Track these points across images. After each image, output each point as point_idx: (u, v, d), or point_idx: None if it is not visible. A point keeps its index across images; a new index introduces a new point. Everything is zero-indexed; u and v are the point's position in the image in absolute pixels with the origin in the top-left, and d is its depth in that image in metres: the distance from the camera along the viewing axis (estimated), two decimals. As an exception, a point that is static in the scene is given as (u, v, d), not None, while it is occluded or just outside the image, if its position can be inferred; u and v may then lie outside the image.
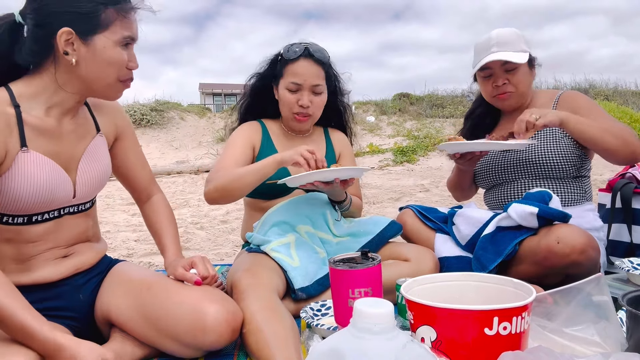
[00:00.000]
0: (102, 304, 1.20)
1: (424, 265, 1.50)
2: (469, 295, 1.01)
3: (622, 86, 14.36)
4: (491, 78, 1.68)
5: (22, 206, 1.05)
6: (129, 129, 1.33)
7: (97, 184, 1.21)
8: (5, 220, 1.06)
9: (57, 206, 1.12)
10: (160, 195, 1.41)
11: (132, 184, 1.37)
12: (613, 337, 0.98)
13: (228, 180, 1.45)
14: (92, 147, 1.19)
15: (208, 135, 11.75)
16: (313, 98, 1.61)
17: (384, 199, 4.85)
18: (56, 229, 1.13)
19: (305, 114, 1.61)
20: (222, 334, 1.07)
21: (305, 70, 1.58)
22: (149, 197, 1.39)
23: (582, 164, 1.67)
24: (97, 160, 1.20)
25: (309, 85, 1.59)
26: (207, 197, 1.50)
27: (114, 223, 3.89)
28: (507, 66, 1.64)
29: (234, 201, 1.50)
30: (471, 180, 1.88)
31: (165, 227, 1.35)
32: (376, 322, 0.61)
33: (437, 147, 1.82)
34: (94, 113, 1.23)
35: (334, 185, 1.43)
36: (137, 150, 1.36)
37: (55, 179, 1.08)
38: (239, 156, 1.58)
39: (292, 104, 1.60)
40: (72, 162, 1.14)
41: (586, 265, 1.33)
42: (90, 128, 1.20)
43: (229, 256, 2.74)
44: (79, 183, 1.15)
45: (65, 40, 1.03)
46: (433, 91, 15.15)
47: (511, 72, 1.65)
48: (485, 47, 1.66)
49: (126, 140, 1.32)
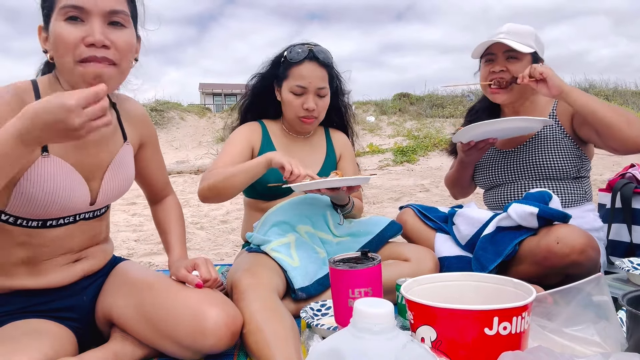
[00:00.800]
0: (103, 303, 1.20)
1: (424, 265, 1.50)
2: (469, 295, 1.01)
3: (622, 86, 14.37)
4: (491, 63, 1.68)
5: (37, 211, 1.03)
6: (154, 138, 1.33)
7: (120, 192, 1.20)
8: (20, 222, 1.04)
9: (72, 212, 1.10)
10: (173, 197, 1.43)
11: (149, 187, 1.38)
12: (613, 337, 0.98)
13: (219, 179, 1.45)
14: (120, 156, 1.17)
15: (208, 135, 11.75)
16: (318, 101, 1.60)
17: (384, 199, 4.85)
18: (70, 234, 1.12)
19: (311, 117, 1.61)
20: (222, 337, 1.07)
21: (310, 73, 1.57)
22: (163, 198, 1.41)
23: (583, 165, 1.67)
24: (124, 169, 1.18)
25: (314, 88, 1.58)
26: (200, 195, 1.51)
27: (114, 223, 3.89)
28: (510, 54, 1.63)
29: (227, 200, 1.50)
30: (471, 176, 1.87)
31: (172, 226, 1.35)
32: (376, 322, 0.61)
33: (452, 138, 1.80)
34: (123, 122, 1.21)
35: (340, 192, 1.43)
36: (158, 158, 1.37)
37: (72, 187, 1.05)
38: (236, 155, 1.58)
39: (297, 107, 1.60)
40: (97, 171, 1.12)
41: (586, 265, 1.33)
42: (117, 137, 1.18)
43: (229, 256, 2.74)
44: (102, 191, 1.13)
45: (44, 39, 1.01)
46: (433, 91, 15.14)
47: (512, 61, 1.64)
48: (494, 34, 1.67)
49: (149, 148, 1.32)
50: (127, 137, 1.21)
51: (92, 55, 0.95)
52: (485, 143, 1.62)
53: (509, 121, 1.55)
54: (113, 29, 0.98)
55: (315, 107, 1.59)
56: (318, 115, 1.63)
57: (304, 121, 1.62)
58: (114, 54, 0.98)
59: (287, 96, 1.61)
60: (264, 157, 1.41)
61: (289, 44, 1.64)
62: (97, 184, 1.12)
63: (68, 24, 0.94)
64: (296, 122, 1.64)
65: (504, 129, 1.58)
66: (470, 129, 1.56)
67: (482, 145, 1.63)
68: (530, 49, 1.62)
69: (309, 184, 1.35)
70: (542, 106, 1.72)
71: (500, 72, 1.65)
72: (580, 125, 1.62)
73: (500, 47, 1.64)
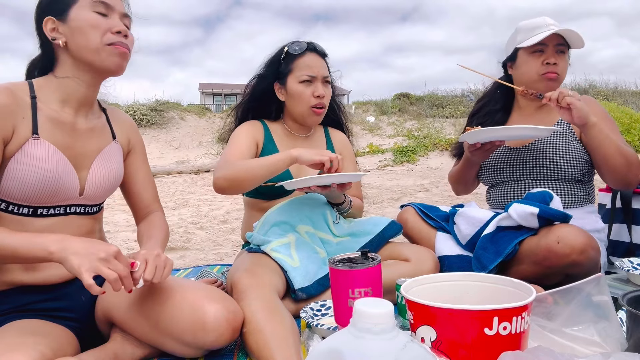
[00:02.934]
0: (103, 303, 1.20)
1: (424, 265, 1.50)
2: (469, 295, 1.01)
3: (622, 86, 14.37)
4: (542, 55, 1.63)
5: (27, 194, 1.07)
6: (140, 146, 1.37)
7: (108, 186, 1.23)
8: (12, 209, 1.08)
9: (62, 201, 1.13)
10: (160, 214, 1.38)
11: (135, 201, 1.36)
12: (613, 337, 0.98)
13: (238, 170, 1.44)
14: (108, 150, 1.23)
15: (208, 135, 11.75)
16: (325, 89, 1.63)
17: (384, 199, 4.85)
18: (61, 228, 1.13)
19: (322, 105, 1.63)
20: (223, 333, 1.07)
21: (315, 62, 1.62)
22: (149, 214, 1.36)
23: (589, 169, 1.66)
24: (111, 163, 1.23)
25: (321, 76, 1.62)
26: (216, 186, 1.46)
27: (114, 223, 3.89)
28: (559, 47, 1.61)
29: (243, 192, 1.51)
30: (476, 174, 1.86)
31: (154, 233, 1.28)
32: (376, 322, 0.61)
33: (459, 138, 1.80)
34: (112, 124, 1.28)
35: (331, 189, 1.43)
36: (145, 168, 1.38)
37: (60, 169, 1.10)
38: (245, 150, 1.58)
39: (308, 97, 1.61)
40: (85, 160, 1.18)
41: (586, 265, 1.33)
42: (106, 134, 1.26)
43: (229, 256, 2.74)
44: (90, 181, 1.18)
45: (52, 29, 1.13)
46: (433, 91, 15.15)
47: (561, 55, 1.62)
48: (541, 25, 1.63)
49: (137, 157, 1.36)
50: (116, 136, 1.28)
51: (118, 41, 1.14)
52: (491, 145, 1.60)
53: (518, 129, 1.55)
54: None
55: (324, 94, 1.62)
56: (326, 103, 1.65)
57: (314, 111, 1.63)
58: (130, 44, 1.18)
59: (296, 88, 1.61)
60: (288, 155, 1.41)
61: (284, 44, 1.67)
62: (85, 174, 1.18)
63: (97, 15, 1.12)
64: (307, 113, 1.64)
65: (511, 135, 1.59)
66: (477, 133, 1.54)
67: (489, 147, 1.60)
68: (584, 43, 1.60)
69: (299, 180, 1.37)
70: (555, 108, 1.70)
71: (554, 64, 1.61)
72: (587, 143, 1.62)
73: (552, 39, 1.60)
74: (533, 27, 1.64)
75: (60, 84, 1.14)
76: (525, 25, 1.67)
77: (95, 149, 1.21)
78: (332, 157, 1.38)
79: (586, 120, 1.45)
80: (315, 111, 1.63)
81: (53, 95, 1.14)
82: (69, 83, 1.15)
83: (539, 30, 1.62)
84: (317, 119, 1.67)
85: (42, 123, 1.10)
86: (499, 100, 1.83)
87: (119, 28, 1.14)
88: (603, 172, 1.56)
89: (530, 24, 1.66)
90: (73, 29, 1.12)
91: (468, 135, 1.57)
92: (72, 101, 1.16)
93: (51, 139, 1.11)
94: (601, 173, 1.58)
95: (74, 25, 1.12)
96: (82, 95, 1.17)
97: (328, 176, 1.37)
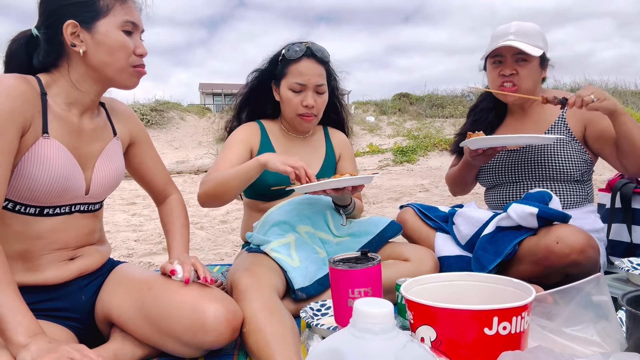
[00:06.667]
0: (103, 303, 1.20)
1: (424, 265, 1.50)
2: (469, 295, 1.01)
3: (622, 86, 14.38)
4: (500, 66, 1.64)
5: (36, 194, 1.06)
6: (143, 134, 1.37)
7: (111, 184, 1.23)
8: (18, 208, 1.07)
9: (69, 201, 1.13)
10: (176, 196, 1.44)
11: (150, 186, 1.41)
12: (613, 337, 0.98)
13: (215, 185, 1.45)
14: (109, 148, 1.23)
15: (208, 135, 11.76)
16: (317, 98, 1.60)
17: (384, 199, 4.85)
18: (65, 227, 1.14)
19: (310, 114, 1.61)
20: (223, 333, 1.08)
21: (308, 70, 1.57)
22: (166, 197, 1.42)
23: (587, 168, 1.66)
24: (113, 161, 1.23)
25: (313, 85, 1.58)
26: (199, 200, 1.53)
27: (114, 223, 3.89)
28: (519, 56, 1.60)
29: (226, 204, 1.50)
30: (475, 176, 1.85)
31: (175, 228, 1.36)
32: (376, 322, 0.61)
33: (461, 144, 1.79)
34: (112, 119, 1.28)
35: (345, 192, 1.43)
36: (152, 154, 1.40)
37: (70, 171, 1.10)
38: (234, 159, 1.57)
39: (296, 105, 1.59)
40: (89, 160, 1.18)
41: (586, 265, 1.33)
42: (108, 131, 1.25)
43: (229, 256, 2.74)
44: (94, 180, 1.18)
45: (72, 33, 1.08)
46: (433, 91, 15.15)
47: (521, 64, 1.61)
48: (502, 34, 1.62)
49: (141, 145, 1.36)
50: (116, 132, 1.27)
51: (142, 64, 1.17)
52: (493, 150, 1.60)
53: (522, 138, 1.55)
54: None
55: (314, 104, 1.59)
56: (317, 112, 1.63)
57: (303, 119, 1.61)
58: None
59: (286, 94, 1.61)
60: (257, 161, 1.38)
61: (287, 43, 1.64)
62: (90, 174, 1.17)
63: (126, 36, 1.13)
64: (296, 120, 1.64)
65: (515, 143, 1.60)
66: (479, 140, 1.54)
67: (490, 152, 1.60)
68: (540, 51, 1.60)
69: (314, 185, 1.33)
70: (551, 107, 1.70)
71: (510, 75, 1.62)
72: (595, 138, 1.62)
73: (509, 49, 1.60)
74: (497, 36, 1.64)
75: (70, 88, 1.12)
76: (493, 34, 1.67)
77: (99, 148, 1.20)
78: (297, 166, 1.32)
79: (615, 108, 1.44)
80: (303, 119, 1.62)
81: (60, 95, 1.12)
82: (74, 92, 1.13)
83: (500, 39, 1.61)
84: (307, 125, 1.65)
85: (52, 121, 1.09)
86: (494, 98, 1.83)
87: (143, 51, 1.15)
88: (629, 160, 1.53)
89: (495, 33, 1.66)
90: (100, 43, 1.09)
91: (471, 141, 1.56)
92: (79, 105, 1.15)
93: (60, 138, 1.10)
94: (625, 161, 1.54)
95: (101, 39, 1.09)
96: (90, 101, 1.16)
97: (343, 180, 1.36)
